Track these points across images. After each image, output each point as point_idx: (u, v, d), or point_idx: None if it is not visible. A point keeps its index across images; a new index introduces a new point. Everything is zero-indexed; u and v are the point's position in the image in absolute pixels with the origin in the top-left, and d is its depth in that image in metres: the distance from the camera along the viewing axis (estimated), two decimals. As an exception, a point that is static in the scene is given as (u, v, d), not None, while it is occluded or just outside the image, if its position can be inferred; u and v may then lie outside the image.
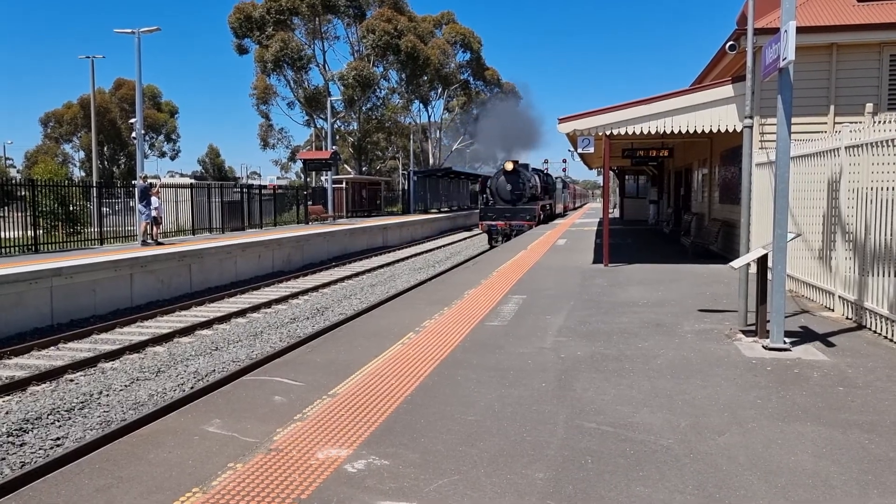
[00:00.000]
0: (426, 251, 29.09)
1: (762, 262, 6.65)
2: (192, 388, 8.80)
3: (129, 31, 24.54)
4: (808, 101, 11.03)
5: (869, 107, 7.97)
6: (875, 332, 6.81)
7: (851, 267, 7.40)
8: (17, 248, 16.73)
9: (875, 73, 11.16)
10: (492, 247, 26.34)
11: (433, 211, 47.34)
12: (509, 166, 29.74)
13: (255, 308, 14.56)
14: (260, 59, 48.62)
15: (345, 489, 3.44)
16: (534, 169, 33.78)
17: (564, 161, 73.06)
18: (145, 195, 18.45)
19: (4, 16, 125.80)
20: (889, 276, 6.48)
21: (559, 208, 44.19)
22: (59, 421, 7.67)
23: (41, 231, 17.91)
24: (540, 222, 29.63)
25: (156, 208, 19.25)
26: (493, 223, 28.85)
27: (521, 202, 29.09)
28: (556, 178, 46.72)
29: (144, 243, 18.39)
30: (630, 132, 12.35)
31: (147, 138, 59.47)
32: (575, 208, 62.23)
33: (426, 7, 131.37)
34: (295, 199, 34.20)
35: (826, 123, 11.11)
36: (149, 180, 19.69)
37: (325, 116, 44.74)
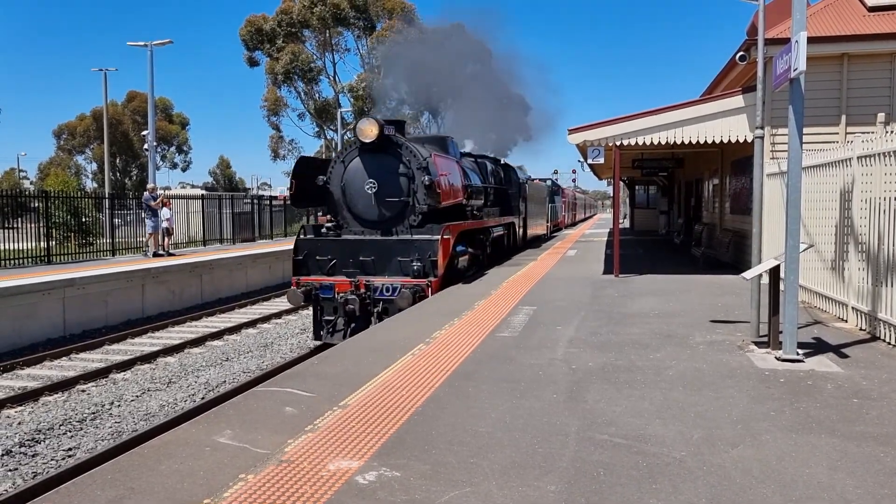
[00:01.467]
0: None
1: (774, 272, 6.61)
2: (203, 398, 8.84)
3: (142, 44, 24.88)
4: (819, 112, 11.00)
5: (881, 116, 7.95)
6: (889, 343, 6.75)
7: (865, 277, 7.34)
8: (30, 260, 16.88)
9: (887, 82, 11.12)
10: (320, 343, 11.06)
11: (444, 221, 46.88)
12: (371, 130, 11.45)
13: (266, 319, 14.62)
14: (271, 71, 49.02)
15: (356, 501, 3.43)
16: (471, 154, 17.78)
17: (574, 172, 72.47)
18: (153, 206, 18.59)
19: (19, 29, 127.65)
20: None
21: (538, 228, 25.63)
22: (70, 431, 7.72)
23: (54, 242, 18.06)
24: (462, 274, 12.50)
25: (167, 219, 19.40)
26: (326, 281, 11.15)
27: (402, 223, 11.77)
28: (542, 180, 30.41)
29: (155, 254, 18.50)
30: (640, 142, 12.34)
31: (159, 150, 59.83)
32: (575, 222, 54.02)
33: (437, 19, 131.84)
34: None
35: (838, 133, 11.07)
36: (157, 191, 19.87)
37: (335, 128, 44.98)
